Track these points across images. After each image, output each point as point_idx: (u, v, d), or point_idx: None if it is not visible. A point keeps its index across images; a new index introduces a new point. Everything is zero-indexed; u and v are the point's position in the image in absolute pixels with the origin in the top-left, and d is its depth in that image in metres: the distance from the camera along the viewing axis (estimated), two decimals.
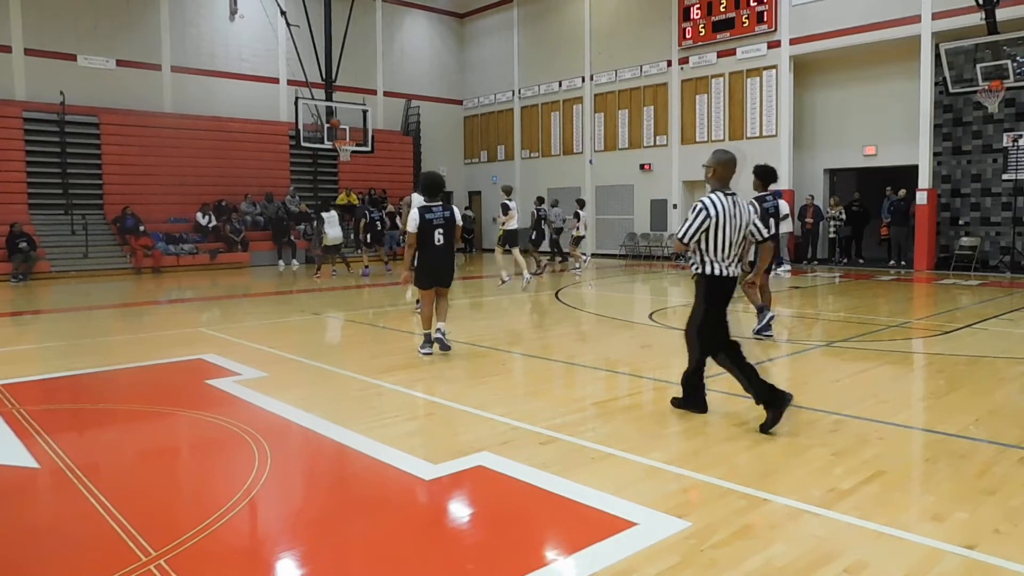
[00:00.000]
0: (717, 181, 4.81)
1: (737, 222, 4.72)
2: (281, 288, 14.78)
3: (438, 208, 6.81)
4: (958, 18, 15.06)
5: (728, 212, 4.69)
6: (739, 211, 4.76)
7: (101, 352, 7.68)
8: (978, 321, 8.89)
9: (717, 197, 4.71)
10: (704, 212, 4.65)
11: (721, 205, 4.68)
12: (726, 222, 4.66)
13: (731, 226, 4.68)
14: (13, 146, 17.83)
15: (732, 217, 4.70)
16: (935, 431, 4.56)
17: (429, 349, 7.06)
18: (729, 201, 4.73)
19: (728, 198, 4.74)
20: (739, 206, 4.78)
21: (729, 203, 4.72)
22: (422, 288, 7.06)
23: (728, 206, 4.70)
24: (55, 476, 3.91)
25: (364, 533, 3.21)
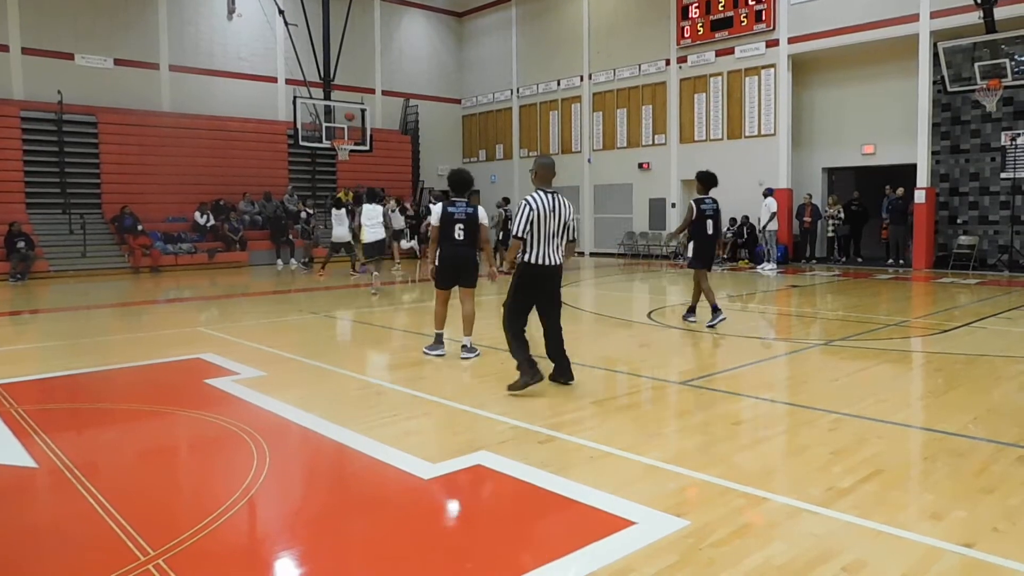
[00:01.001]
0: (540, 181, 5.51)
1: (556, 216, 5.41)
2: (279, 287, 14.77)
3: (462, 204, 6.76)
4: (956, 17, 15.07)
5: (548, 207, 5.38)
6: (558, 207, 5.45)
7: (99, 352, 7.67)
8: (976, 320, 8.90)
9: (539, 194, 5.41)
10: (528, 207, 5.37)
11: (542, 201, 5.38)
12: (546, 216, 5.36)
13: (550, 220, 5.38)
14: (11, 145, 17.80)
15: (551, 211, 5.39)
16: (934, 430, 4.56)
17: (441, 350, 6.94)
18: (549, 198, 5.42)
19: (548, 195, 5.43)
20: (559, 203, 5.47)
21: (549, 199, 5.42)
22: (438, 287, 6.94)
23: (548, 202, 5.41)
24: (53, 476, 3.91)
25: (363, 532, 3.21)
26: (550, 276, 5.52)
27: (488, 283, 7.53)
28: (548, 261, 5.43)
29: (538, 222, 5.35)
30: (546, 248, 5.41)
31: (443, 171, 26.28)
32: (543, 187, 5.49)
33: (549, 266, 5.45)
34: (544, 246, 5.40)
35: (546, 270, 5.46)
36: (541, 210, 5.35)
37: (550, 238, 5.41)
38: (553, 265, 5.46)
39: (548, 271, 5.47)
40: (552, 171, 5.57)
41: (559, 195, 5.50)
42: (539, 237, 5.38)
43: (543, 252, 5.41)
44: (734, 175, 19.12)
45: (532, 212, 5.34)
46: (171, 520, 3.29)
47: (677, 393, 5.70)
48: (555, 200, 5.44)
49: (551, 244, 5.43)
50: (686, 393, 5.64)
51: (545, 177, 5.53)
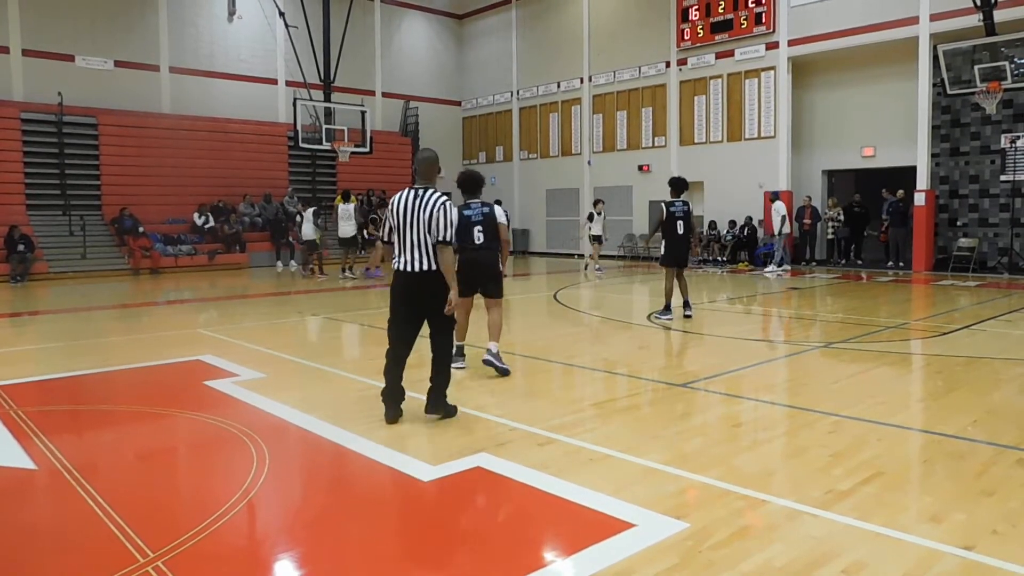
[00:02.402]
0: (419, 178, 4.91)
1: (417, 216, 4.67)
2: (279, 289, 14.77)
3: (476, 204, 6.41)
4: (956, 19, 15.08)
5: (407, 206, 4.71)
6: (421, 205, 4.68)
7: (99, 353, 7.67)
8: (976, 322, 8.90)
9: (403, 191, 4.79)
10: (391, 206, 4.81)
11: (401, 198, 4.76)
12: (405, 216, 4.69)
13: (409, 220, 4.68)
14: (11, 147, 17.82)
15: (412, 211, 4.68)
16: (933, 432, 4.56)
17: (461, 363, 6.46)
18: (412, 194, 4.74)
19: (412, 192, 4.75)
20: (425, 201, 4.69)
21: (411, 196, 4.73)
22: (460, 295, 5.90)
23: (409, 199, 4.73)
24: (53, 477, 3.90)
25: (362, 534, 3.21)
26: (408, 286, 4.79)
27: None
28: (406, 267, 4.72)
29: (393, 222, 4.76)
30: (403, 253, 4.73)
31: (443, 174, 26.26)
32: (421, 184, 4.84)
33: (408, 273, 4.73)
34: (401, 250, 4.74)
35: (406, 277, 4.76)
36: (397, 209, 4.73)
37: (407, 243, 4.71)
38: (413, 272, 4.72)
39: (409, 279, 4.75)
40: (432, 166, 4.89)
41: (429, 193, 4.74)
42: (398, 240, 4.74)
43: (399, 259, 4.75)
44: (734, 177, 19.15)
45: (388, 214, 4.79)
46: (170, 522, 3.29)
47: (677, 395, 5.70)
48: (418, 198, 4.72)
49: (408, 249, 4.70)
50: (686, 395, 5.64)
51: (424, 173, 4.88)
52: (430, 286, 4.72)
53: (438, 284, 4.72)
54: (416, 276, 4.70)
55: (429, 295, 4.74)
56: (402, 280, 4.75)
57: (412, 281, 4.72)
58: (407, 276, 4.72)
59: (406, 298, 4.77)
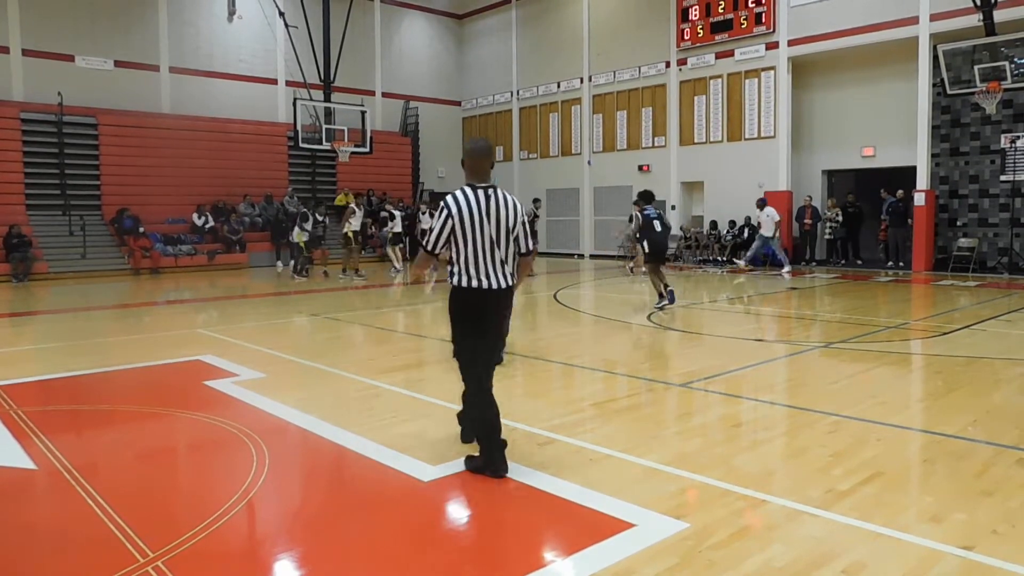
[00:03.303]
0: (468, 173, 4.02)
1: (493, 220, 3.87)
2: (279, 289, 14.76)
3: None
4: (956, 19, 15.07)
5: (480, 210, 3.85)
6: (496, 207, 3.89)
7: (99, 353, 7.67)
8: (976, 322, 8.90)
9: (463, 192, 3.89)
10: (446, 211, 3.86)
11: (466, 201, 3.85)
12: (478, 223, 3.84)
13: (484, 226, 3.85)
14: (11, 147, 17.81)
15: (485, 215, 3.85)
16: (933, 432, 4.56)
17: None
18: (481, 196, 3.88)
19: (480, 192, 3.90)
20: (498, 201, 3.91)
21: (481, 198, 3.87)
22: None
23: (479, 202, 3.86)
24: (52, 477, 3.90)
25: (362, 534, 3.21)
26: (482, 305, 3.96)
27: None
28: (477, 284, 3.88)
29: (460, 230, 3.85)
30: (474, 266, 3.88)
31: (443, 173, 26.34)
32: (474, 181, 3.98)
33: (482, 290, 3.89)
34: (472, 263, 3.88)
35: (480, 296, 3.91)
36: (464, 215, 3.84)
37: (480, 253, 3.87)
38: (487, 290, 3.90)
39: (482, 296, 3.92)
40: (486, 157, 4.06)
41: (499, 191, 4.01)
42: (463, 251, 3.88)
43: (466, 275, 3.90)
44: (734, 177, 19.14)
45: (451, 220, 3.84)
46: (170, 522, 3.29)
47: (677, 395, 5.70)
48: (491, 199, 3.92)
49: (481, 262, 3.88)
50: (686, 395, 5.64)
51: (475, 168, 4.01)
52: (507, 303, 4.07)
53: (511, 300, 4.12)
54: (495, 294, 3.92)
55: (503, 315, 4.11)
56: (477, 299, 3.90)
57: (491, 300, 3.92)
58: (484, 295, 3.89)
59: (479, 319, 3.95)
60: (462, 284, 3.91)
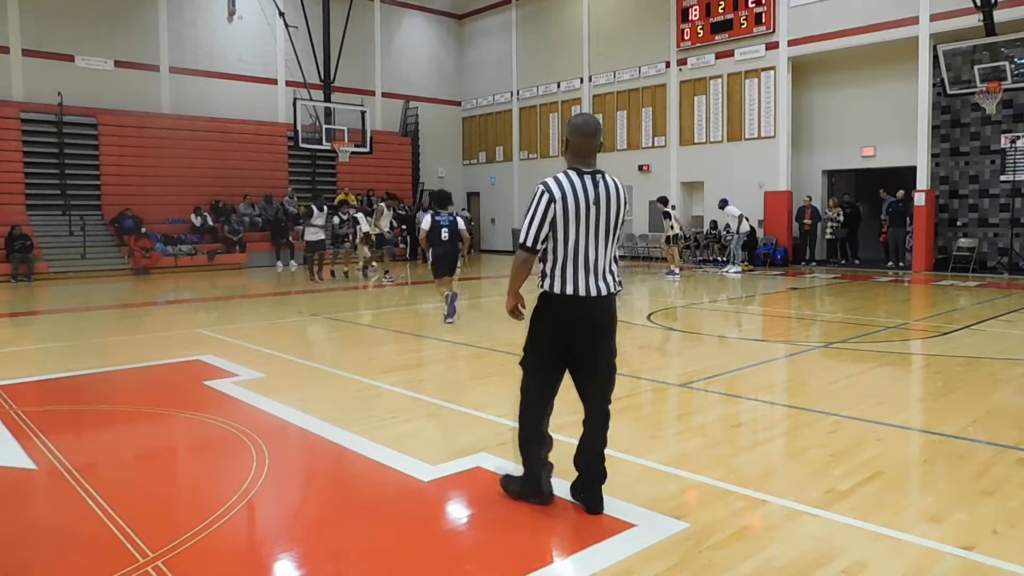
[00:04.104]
0: (573, 155, 3.35)
1: (603, 211, 3.22)
2: (279, 289, 14.77)
3: (444, 215, 9.14)
4: (956, 20, 15.08)
5: (585, 197, 3.19)
6: (607, 195, 3.24)
7: (98, 353, 7.66)
8: (976, 322, 8.90)
9: (566, 176, 3.23)
10: (547, 195, 3.17)
11: (571, 185, 3.19)
12: (585, 214, 3.18)
13: (589, 217, 3.19)
14: (11, 147, 17.82)
15: (593, 204, 3.20)
16: (933, 432, 4.56)
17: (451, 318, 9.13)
18: (588, 182, 3.23)
19: (583, 178, 3.23)
20: (608, 188, 3.26)
21: (588, 184, 3.22)
22: (435, 276, 9.38)
23: (586, 189, 3.20)
24: (52, 477, 3.90)
25: (362, 534, 3.21)
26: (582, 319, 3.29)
27: None
28: (581, 291, 3.23)
29: (563, 220, 3.18)
30: (575, 267, 3.24)
31: (442, 173, 26.35)
32: (578, 164, 3.31)
33: (587, 299, 3.25)
34: (571, 263, 3.24)
35: (581, 305, 3.26)
36: (570, 202, 3.17)
37: (585, 250, 3.23)
38: (593, 297, 3.26)
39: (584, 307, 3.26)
40: (594, 137, 3.34)
41: (607, 176, 3.32)
42: (563, 247, 3.23)
43: (566, 276, 3.25)
44: (734, 177, 19.14)
45: (554, 205, 3.17)
46: (170, 522, 3.28)
47: (677, 395, 5.70)
48: (598, 186, 3.25)
49: (585, 261, 3.24)
50: (686, 395, 5.64)
51: (581, 149, 3.32)
52: (608, 315, 3.34)
53: (614, 311, 3.39)
54: (601, 302, 3.27)
55: (608, 328, 3.35)
56: (580, 310, 3.24)
57: (596, 310, 3.26)
58: (589, 304, 3.24)
59: (569, 336, 3.28)
60: (554, 290, 3.24)
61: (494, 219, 26.08)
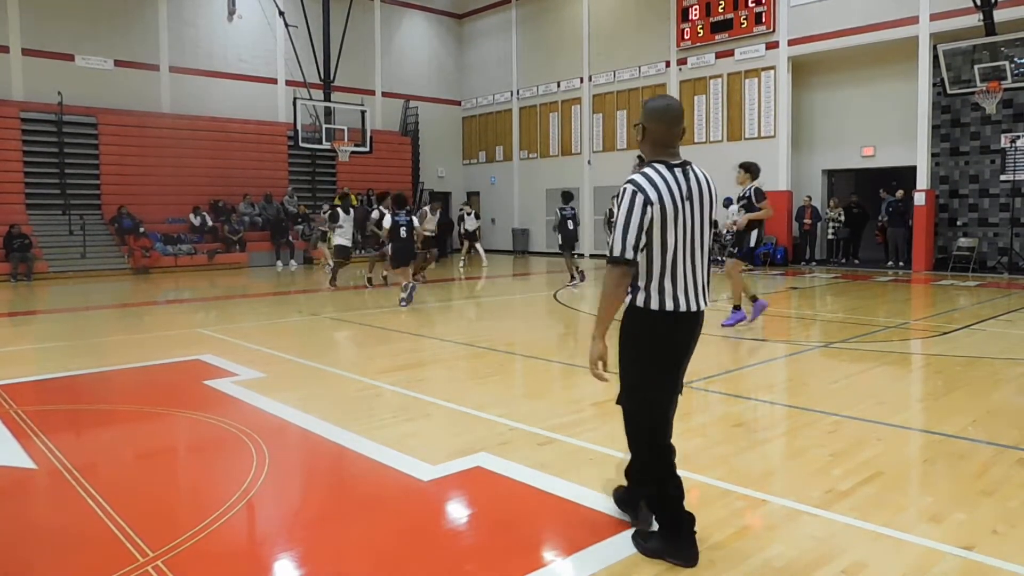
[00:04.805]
0: (653, 146, 2.87)
1: (697, 210, 2.83)
2: (279, 289, 14.76)
3: (402, 214, 10.98)
4: (956, 19, 15.08)
5: (680, 195, 2.78)
6: (700, 192, 2.85)
7: (98, 353, 7.66)
8: (976, 322, 8.90)
9: (656, 171, 2.78)
10: (642, 197, 2.72)
11: (665, 183, 2.76)
12: (677, 212, 2.77)
13: (685, 219, 2.79)
14: (10, 146, 17.82)
15: (687, 201, 2.79)
16: (933, 432, 4.56)
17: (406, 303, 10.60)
18: (680, 176, 2.81)
19: (677, 171, 2.82)
20: (700, 183, 2.86)
21: (680, 179, 2.80)
22: (394, 267, 11.21)
23: (679, 184, 2.79)
24: (52, 477, 3.90)
25: (362, 534, 3.21)
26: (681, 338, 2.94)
27: None
28: (682, 305, 2.84)
29: (660, 224, 2.75)
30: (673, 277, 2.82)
31: (443, 173, 26.35)
32: (662, 157, 2.85)
33: (690, 313, 2.88)
34: (669, 272, 2.82)
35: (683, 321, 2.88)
36: (667, 202, 2.74)
37: (684, 256, 2.82)
38: (693, 312, 2.90)
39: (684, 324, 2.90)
40: (676, 123, 2.86)
41: (695, 167, 2.91)
42: (660, 255, 2.79)
43: (664, 289, 2.82)
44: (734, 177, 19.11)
45: (651, 208, 2.72)
46: (170, 521, 3.28)
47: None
48: (690, 179, 2.84)
49: (683, 269, 2.83)
50: (686, 395, 5.58)
51: (662, 138, 2.85)
52: (700, 332, 3.03)
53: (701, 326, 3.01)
54: (700, 319, 2.96)
55: (694, 346, 3.03)
56: (673, 330, 2.89)
57: (697, 329, 2.97)
58: (693, 322, 2.92)
59: (674, 356, 2.96)
60: (650, 306, 2.81)
61: (494, 219, 26.08)
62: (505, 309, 11.34)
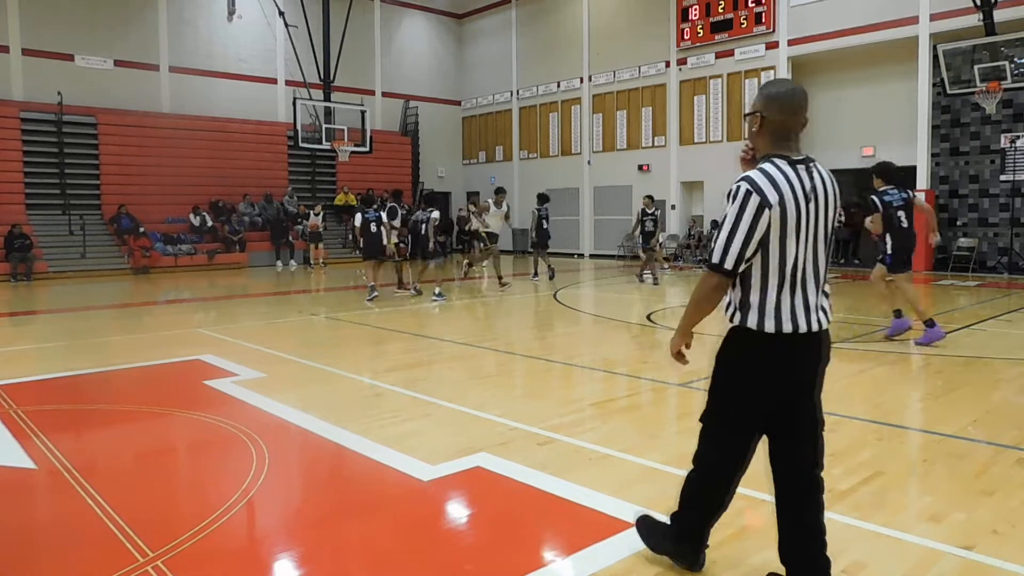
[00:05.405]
0: (770, 139, 2.49)
1: (821, 214, 2.42)
2: (279, 289, 14.76)
3: (371, 211, 12.00)
4: (956, 19, 15.09)
5: (803, 196, 2.37)
6: (824, 193, 2.44)
7: (98, 352, 7.66)
8: (976, 322, 8.90)
9: (775, 168, 2.39)
10: (757, 199, 2.34)
11: (787, 183, 2.36)
12: (800, 217, 2.36)
13: (809, 222, 2.38)
14: (10, 146, 17.83)
15: (809, 202, 2.38)
16: (933, 432, 4.56)
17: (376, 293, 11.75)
18: (803, 174, 2.41)
19: (801, 169, 2.41)
20: (824, 183, 2.45)
21: (804, 177, 2.40)
22: (365, 259, 12.18)
23: (802, 184, 2.38)
24: (52, 477, 3.90)
25: (362, 534, 3.21)
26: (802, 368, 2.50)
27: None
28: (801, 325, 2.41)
29: (779, 231, 2.36)
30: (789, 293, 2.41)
31: (443, 173, 26.34)
32: (781, 152, 2.46)
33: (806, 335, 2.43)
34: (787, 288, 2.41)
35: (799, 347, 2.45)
36: (789, 205, 2.35)
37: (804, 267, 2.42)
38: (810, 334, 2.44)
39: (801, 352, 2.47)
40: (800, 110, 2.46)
41: (818, 165, 2.49)
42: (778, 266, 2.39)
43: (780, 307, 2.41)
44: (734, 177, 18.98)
45: (769, 212, 2.34)
46: (170, 521, 3.28)
47: (677, 395, 5.70)
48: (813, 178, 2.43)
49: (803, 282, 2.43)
50: (686, 395, 5.64)
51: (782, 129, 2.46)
52: (827, 356, 2.55)
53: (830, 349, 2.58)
54: (823, 340, 2.50)
55: (823, 373, 2.55)
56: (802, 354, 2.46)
57: (820, 352, 2.50)
58: (814, 345, 2.47)
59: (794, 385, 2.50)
60: (764, 327, 2.39)
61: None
62: (505, 309, 11.34)
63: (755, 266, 2.40)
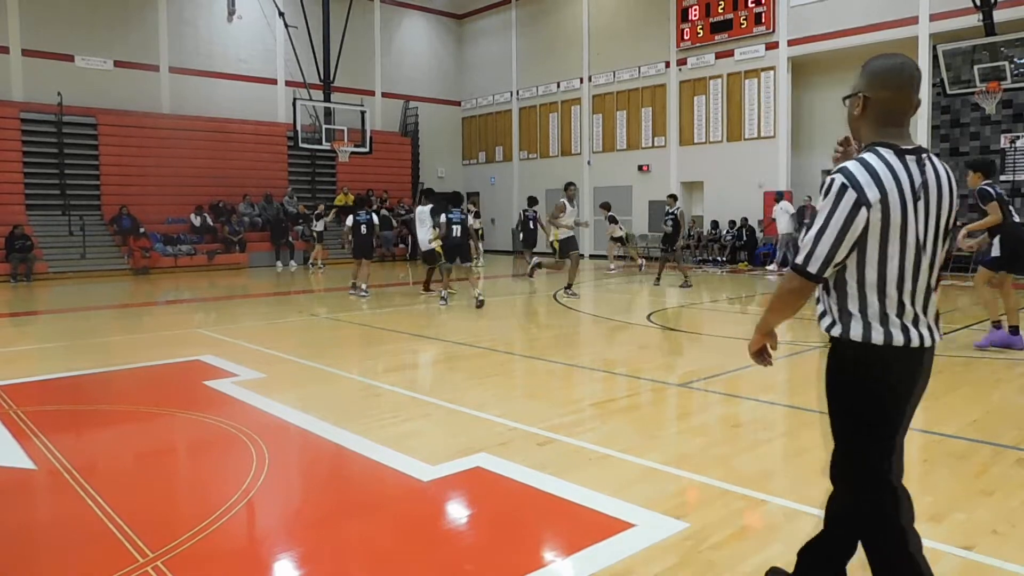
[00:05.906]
0: (876, 123, 2.22)
1: (933, 212, 2.13)
2: (279, 289, 14.76)
3: (362, 214, 12.44)
4: (956, 19, 15.09)
5: (910, 191, 2.08)
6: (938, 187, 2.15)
7: (98, 353, 7.66)
8: (976, 322, 8.90)
9: (879, 158, 2.10)
10: (853, 195, 2.05)
11: (892, 176, 2.07)
12: (908, 214, 2.08)
13: (917, 221, 2.10)
14: (10, 147, 17.83)
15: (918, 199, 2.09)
16: (933, 432, 4.56)
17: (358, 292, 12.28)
18: (913, 167, 2.11)
19: (910, 160, 2.12)
20: (938, 176, 2.16)
21: (914, 170, 2.11)
22: (354, 257, 12.62)
23: (910, 177, 2.10)
24: (52, 477, 3.90)
25: (362, 534, 3.21)
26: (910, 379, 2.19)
27: None
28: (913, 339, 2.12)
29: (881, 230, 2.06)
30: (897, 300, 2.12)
31: (443, 173, 26.34)
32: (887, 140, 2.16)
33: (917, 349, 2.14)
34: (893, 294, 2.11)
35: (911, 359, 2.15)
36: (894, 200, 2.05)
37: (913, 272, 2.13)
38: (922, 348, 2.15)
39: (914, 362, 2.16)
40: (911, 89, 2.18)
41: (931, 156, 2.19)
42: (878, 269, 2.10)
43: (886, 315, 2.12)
44: (734, 177, 19.15)
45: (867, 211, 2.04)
46: (170, 522, 3.28)
47: (677, 395, 5.70)
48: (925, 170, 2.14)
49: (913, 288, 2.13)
50: (686, 395, 5.64)
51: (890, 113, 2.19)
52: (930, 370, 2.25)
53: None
54: (932, 355, 2.22)
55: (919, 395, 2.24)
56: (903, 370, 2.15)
57: (927, 368, 2.22)
58: (927, 361, 2.20)
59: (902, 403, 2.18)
60: (871, 339, 2.11)
61: (494, 219, 26.08)
62: (505, 309, 11.34)
63: (850, 271, 2.12)
